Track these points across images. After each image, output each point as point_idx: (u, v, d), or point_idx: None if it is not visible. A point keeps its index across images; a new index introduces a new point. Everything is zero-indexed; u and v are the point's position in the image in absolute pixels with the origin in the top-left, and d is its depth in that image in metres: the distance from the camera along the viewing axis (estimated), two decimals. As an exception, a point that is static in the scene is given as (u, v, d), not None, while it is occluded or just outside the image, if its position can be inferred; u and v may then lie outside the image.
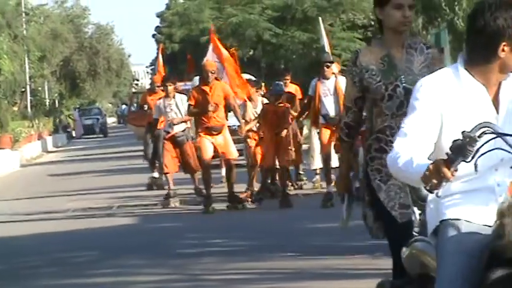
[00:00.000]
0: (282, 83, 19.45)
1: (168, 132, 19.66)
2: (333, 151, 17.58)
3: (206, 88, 17.81)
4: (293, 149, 18.81)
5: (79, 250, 14.60)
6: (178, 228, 16.40)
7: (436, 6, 27.24)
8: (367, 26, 40.97)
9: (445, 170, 4.50)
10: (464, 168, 4.61)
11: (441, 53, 7.07)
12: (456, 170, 4.53)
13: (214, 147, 17.98)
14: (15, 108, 54.63)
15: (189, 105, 18.25)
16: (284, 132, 18.03)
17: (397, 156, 4.84)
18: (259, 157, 18.54)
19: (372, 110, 6.80)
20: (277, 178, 19.10)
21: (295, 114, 19.19)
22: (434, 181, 4.54)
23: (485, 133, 4.56)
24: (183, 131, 19.65)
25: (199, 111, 17.96)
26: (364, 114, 7.03)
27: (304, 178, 21.16)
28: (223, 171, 19.97)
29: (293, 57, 43.15)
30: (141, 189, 21.94)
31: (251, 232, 15.13)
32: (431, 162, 4.58)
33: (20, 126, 45.57)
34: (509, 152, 4.67)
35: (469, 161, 4.52)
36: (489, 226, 4.72)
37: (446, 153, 4.53)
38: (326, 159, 17.90)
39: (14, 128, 42.87)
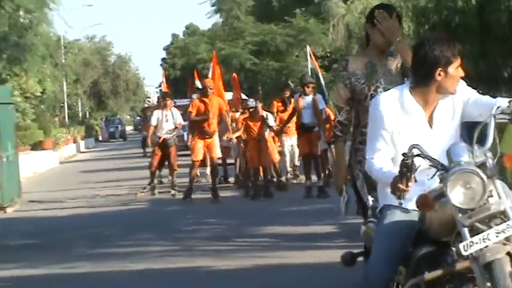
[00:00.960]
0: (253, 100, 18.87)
1: (159, 137, 18.99)
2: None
3: (206, 100, 17.05)
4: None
5: (103, 227, 14.64)
6: (180, 211, 16.24)
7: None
8: (324, 56, 40.92)
9: (399, 185, 4.56)
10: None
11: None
12: (408, 182, 4.55)
13: (204, 149, 17.43)
14: (56, 119, 54.54)
15: (190, 112, 17.41)
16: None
17: (372, 166, 4.96)
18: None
19: (358, 109, 6.28)
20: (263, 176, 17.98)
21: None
22: (397, 192, 4.57)
23: (408, 156, 4.54)
24: (172, 136, 19.07)
25: (200, 118, 17.09)
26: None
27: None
28: (208, 169, 19.53)
29: (267, 80, 43.19)
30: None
31: (235, 214, 15.07)
32: (394, 176, 4.62)
33: (60, 132, 45.55)
34: (435, 164, 4.61)
35: (410, 177, 4.55)
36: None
37: (399, 171, 4.57)
38: (304, 159, 17.66)
39: (55, 134, 42.89)
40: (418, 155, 4.58)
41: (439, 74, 4.86)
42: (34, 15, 23.69)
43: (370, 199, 5.43)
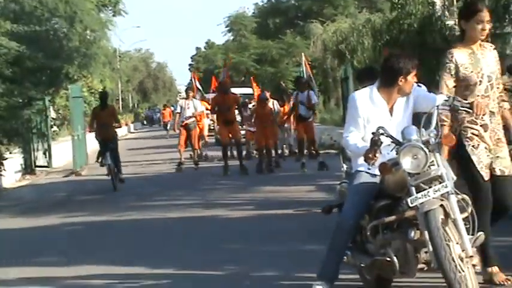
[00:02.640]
0: (266, 92, 18.28)
1: (182, 122, 17.28)
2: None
3: (225, 97, 15.57)
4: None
5: (146, 187, 14.62)
6: (201, 175, 16.07)
7: (343, 54, 27.23)
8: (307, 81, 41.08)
9: (370, 155, 4.65)
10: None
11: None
12: (376, 154, 4.65)
13: (229, 133, 15.80)
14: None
15: (214, 106, 16.06)
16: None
17: (348, 142, 4.97)
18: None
19: (465, 94, 5.21)
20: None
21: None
22: (369, 160, 4.67)
23: (376, 134, 4.65)
24: (192, 121, 17.40)
25: (221, 110, 15.59)
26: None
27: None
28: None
29: (266, 81, 43.33)
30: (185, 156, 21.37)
31: (241, 178, 14.94)
32: (366, 150, 4.68)
33: (115, 118, 45.69)
34: (394, 141, 4.72)
35: (377, 150, 4.65)
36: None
37: (369, 145, 4.67)
38: (300, 142, 16.21)
39: (112, 119, 42.99)
40: (382, 134, 4.67)
41: (401, 81, 4.92)
42: (97, 33, 23.66)
43: (345, 166, 5.46)
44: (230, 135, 16.02)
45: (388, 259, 4.76)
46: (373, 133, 4.66)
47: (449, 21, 21.81)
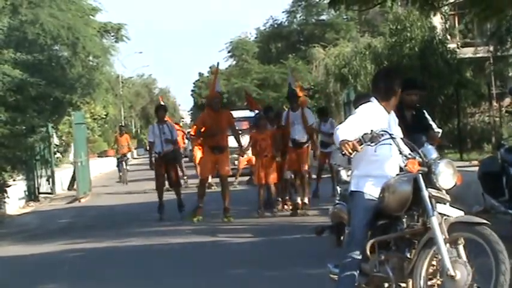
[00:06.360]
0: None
1: (159, 153, 13.31)
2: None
3: (215, 115, 12.23)
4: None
5: (148, 213, 14.37)
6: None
7: (345, 78, 27.35)
8: (309, 89, 41.17)
9: (358, 146, 4.75)
10: (369, 152, 4.92)
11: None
12: (356, 148, 4.72)
13: (214, 164, 12.42)
14: (116, 134, 54.94)
15: (198, 127, 12.67)
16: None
17: (337, 130, 4.95)
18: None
19: None
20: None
21: None
22: (349, 150, 4.73)
23: (384, 133, 4.86)
24: (171, 151, 13.42)
25: (208, 133, 12.25)
26: None
27: None
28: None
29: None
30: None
31: (248, 203, 14.62)
32: (350, 141, 4.75)
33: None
34: (397, 146, 4.90)
35: (373, 145, 4.81)
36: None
37: (359, 138, 4.76)
38: (295, 173, 12.75)
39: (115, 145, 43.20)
40: (390, 135, 4.88)
41: (397, 93, 5.19)
42: (100, 59, 23.84)
43: (339, 189, 5.65)
44: (215, 167, 12.56)
45: (385, 276, 4.89)
46: (371, 130, 4.79)
47: (451, 44, 21.94)
